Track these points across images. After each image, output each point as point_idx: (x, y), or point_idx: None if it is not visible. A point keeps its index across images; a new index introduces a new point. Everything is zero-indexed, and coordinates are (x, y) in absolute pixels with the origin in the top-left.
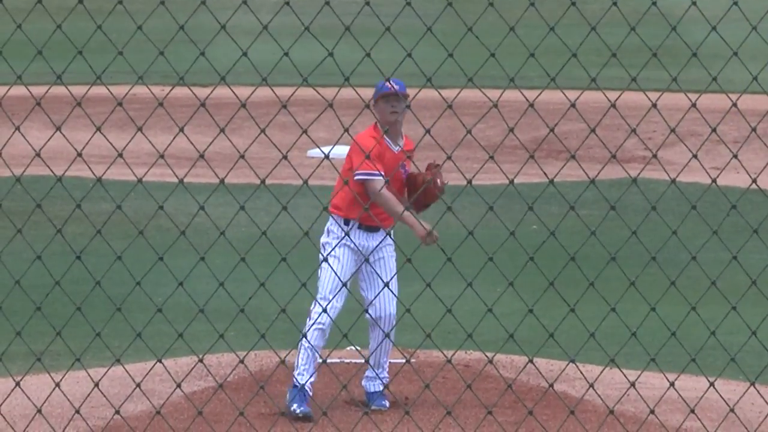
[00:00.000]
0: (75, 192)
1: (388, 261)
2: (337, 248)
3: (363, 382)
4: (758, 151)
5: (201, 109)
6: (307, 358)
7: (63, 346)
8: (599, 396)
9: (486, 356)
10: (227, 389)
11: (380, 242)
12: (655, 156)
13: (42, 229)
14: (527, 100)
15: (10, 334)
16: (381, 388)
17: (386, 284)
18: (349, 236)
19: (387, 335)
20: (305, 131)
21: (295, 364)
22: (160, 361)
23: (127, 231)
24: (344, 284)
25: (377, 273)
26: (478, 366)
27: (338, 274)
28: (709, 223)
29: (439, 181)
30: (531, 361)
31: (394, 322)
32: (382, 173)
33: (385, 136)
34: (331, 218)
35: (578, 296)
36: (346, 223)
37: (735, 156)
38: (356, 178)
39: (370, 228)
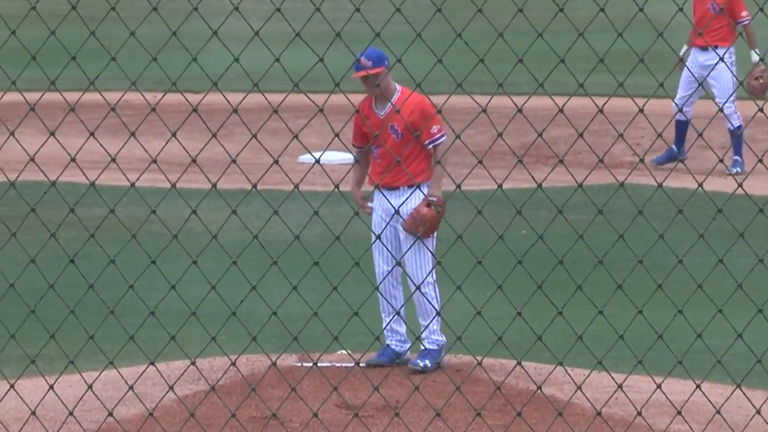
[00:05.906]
0: (68, 197)
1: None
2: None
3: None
4: (745, 157)
5: (193, 114)
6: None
7: (57, 349)
8: (587, 399)
9: (475, 359)
10: (219, 392)
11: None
12: (642, 161)
13: (36, 234)
14: (516, 105)
15: (4, 338)
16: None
17: (398, 262)
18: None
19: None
20: (296, 136)
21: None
22: (153, 364)
23: (119, 235)
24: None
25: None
26: (467, 369)
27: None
28: (696, 227)
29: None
30: (519, 364)
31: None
32: (361, 142)
33: (372, 104)
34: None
35: (566, 300)
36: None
37: (721, 160)
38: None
39: (387, 187)
